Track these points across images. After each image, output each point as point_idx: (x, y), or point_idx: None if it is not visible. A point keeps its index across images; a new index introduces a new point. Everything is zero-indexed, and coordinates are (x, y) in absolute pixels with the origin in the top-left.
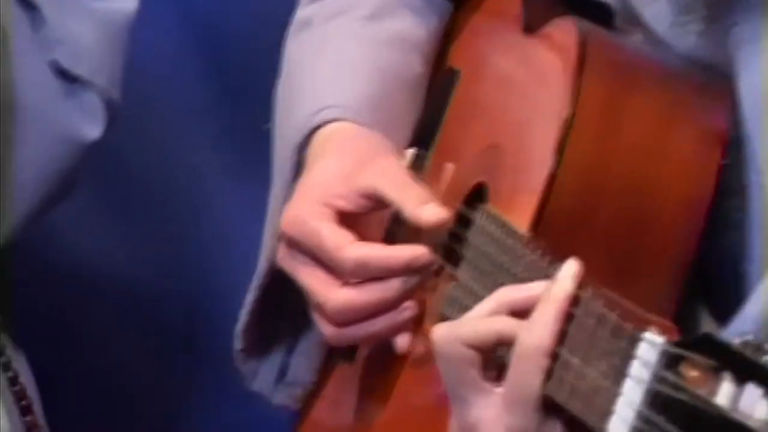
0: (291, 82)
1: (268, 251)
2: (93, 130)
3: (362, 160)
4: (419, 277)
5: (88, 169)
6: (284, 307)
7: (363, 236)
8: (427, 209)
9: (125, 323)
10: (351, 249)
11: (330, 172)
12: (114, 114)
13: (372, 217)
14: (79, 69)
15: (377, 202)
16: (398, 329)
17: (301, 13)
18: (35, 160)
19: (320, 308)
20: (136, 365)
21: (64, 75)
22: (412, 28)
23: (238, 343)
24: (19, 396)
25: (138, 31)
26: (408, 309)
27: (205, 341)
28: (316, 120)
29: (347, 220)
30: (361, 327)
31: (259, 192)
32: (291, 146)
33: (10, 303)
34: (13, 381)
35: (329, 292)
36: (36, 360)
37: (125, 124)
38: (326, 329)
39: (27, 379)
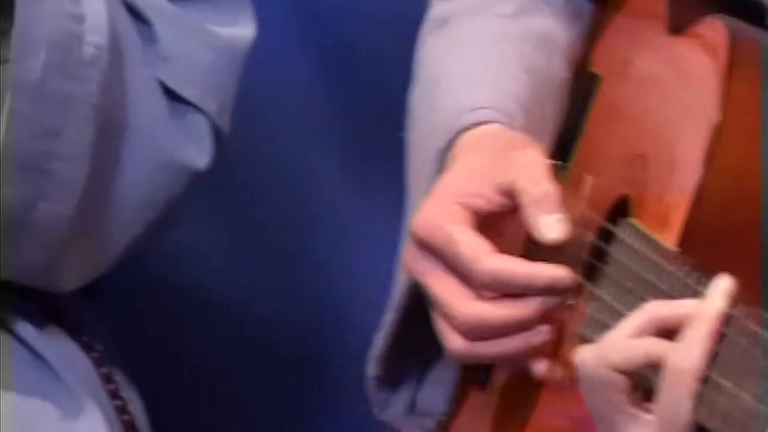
0: (428, 84)
1: None
2: (200, 157)
3: (501, 155)
4: (559, 298)
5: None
6: (418, 329)
7: (499, 246)
8: (549, 222)
9: (238, 344)
10: (489, 260)
11: (466, 169)
12: (222, 145)
13: (509, 226)
14: (187, 91)
15: (515, 200)
16: (531, 350)
17: (436, 11)
18: (138, 185)
19: (449, 319)
20: (251, 389)
21: (171, 96)
22: (554, 29)
23: (372, 370)
24: (128, 426)
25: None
26: (544, 331)
27: (323, 363)
28: (460, 124)
29: (485, 225)
30: (491, 344)
31: (385, 204)
32: (432, 152)
33: (117, 327)
34: (122, 410)
35: (461, 304)
36: (145, 386)
37: (238, 131)
38: (453, 342)
39: (136, 408)
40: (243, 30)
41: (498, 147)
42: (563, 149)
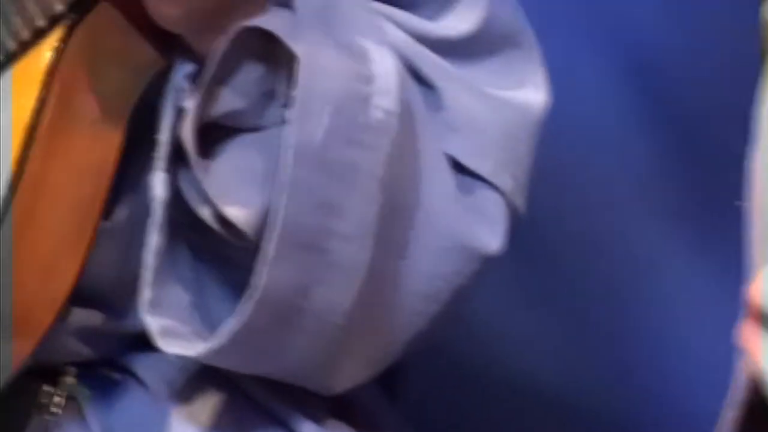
0: None
1: None
2: (492, 240)
3: None
4: None
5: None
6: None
7: None
8: None
9: None
10: None
11: None
12: (515, 225)
13: None
14: (478, 165)
15: None
16: None
17: None
18: (423, 273)
19: None
20: None
21: (461, 170)
22: None
23: None
24: None
25: (562, 74)
26: None
27: None
28: None
29: None
30: None
31: (727, 284)
32: None
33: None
34: None
35: None
36: None
37: (547, 194)
38: None
39: None
40: (534, 94)
41: None
42: None
